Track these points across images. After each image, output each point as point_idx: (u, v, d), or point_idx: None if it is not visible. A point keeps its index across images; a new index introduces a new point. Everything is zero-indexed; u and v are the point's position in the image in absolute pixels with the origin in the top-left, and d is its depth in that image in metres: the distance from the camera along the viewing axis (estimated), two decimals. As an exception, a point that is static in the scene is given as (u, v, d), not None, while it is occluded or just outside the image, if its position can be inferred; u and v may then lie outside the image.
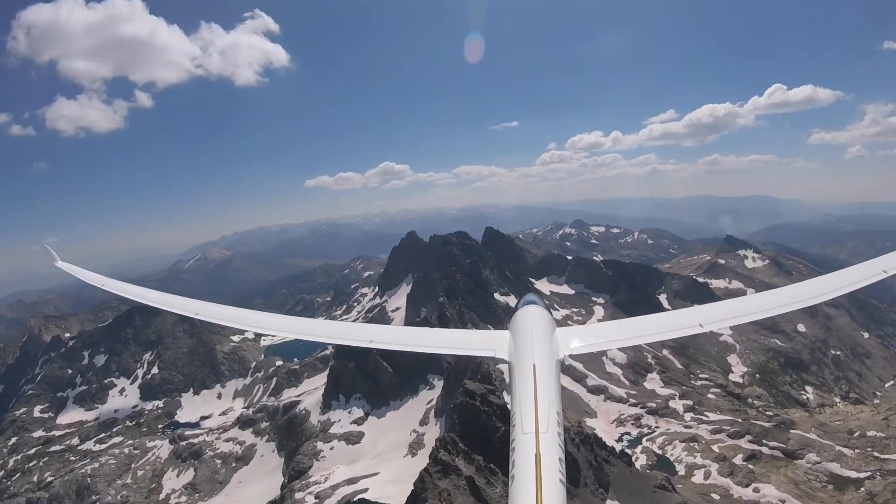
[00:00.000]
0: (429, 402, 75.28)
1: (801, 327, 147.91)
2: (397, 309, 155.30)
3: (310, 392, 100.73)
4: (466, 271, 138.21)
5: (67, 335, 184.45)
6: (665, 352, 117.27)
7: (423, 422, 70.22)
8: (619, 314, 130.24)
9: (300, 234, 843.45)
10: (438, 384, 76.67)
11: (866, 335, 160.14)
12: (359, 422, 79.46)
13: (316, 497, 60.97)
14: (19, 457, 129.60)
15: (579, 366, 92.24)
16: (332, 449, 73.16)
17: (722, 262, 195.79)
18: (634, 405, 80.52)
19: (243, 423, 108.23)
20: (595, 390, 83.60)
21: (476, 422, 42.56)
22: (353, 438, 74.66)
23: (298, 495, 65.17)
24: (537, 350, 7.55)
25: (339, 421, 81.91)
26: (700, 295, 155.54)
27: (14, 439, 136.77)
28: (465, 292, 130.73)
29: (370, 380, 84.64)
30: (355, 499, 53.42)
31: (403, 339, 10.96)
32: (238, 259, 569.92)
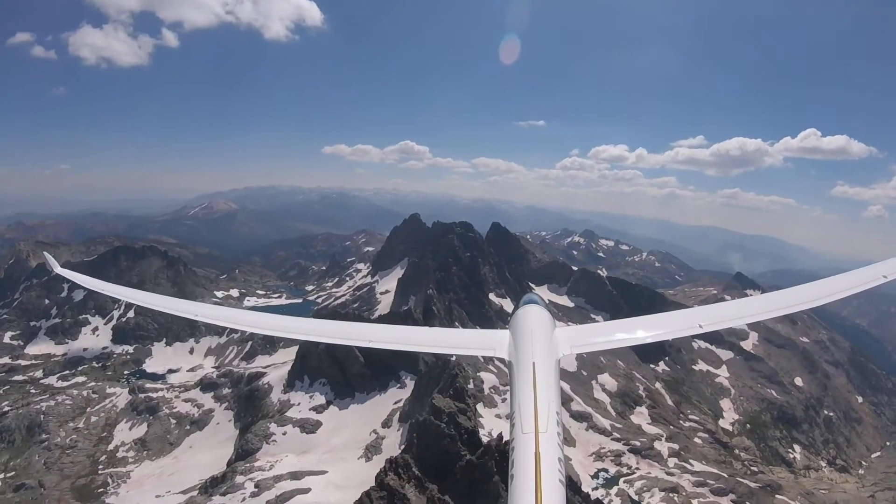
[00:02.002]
0: (396, 402, 69.42)
1: (798, 381, 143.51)
2: (386, 292, 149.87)
3: (278, 365, 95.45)
4: (464, 265, 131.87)
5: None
6: (658, 385, 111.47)
7: (386, 424, 64.47)
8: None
9: (310, 198, 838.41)
10: (411, 384, 70.90)
11: (860, 399, 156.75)
12: (318, 409, 73.87)
13: (256, 486, 55.76)
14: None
15: (567, 387, 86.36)
16: (284, 434, 67.70)
17: (728, 298, 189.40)
18: (617, 440, 74.81)
19: (205, 385, 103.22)
20: (579, 416, 77.80)
21: (437, 445, 36.78)
22: (308, 427, 69.17)
23: (239, 479, 60.06)
24: (537, 349, 7.44)
25: (299, 404, 76.45)
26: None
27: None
28: (459, 287, 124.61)
29: (337, 366, 78.90)
30: (294, 499, 48.31)
31: (403, 339, 10.78)
32: (243, 213, 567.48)
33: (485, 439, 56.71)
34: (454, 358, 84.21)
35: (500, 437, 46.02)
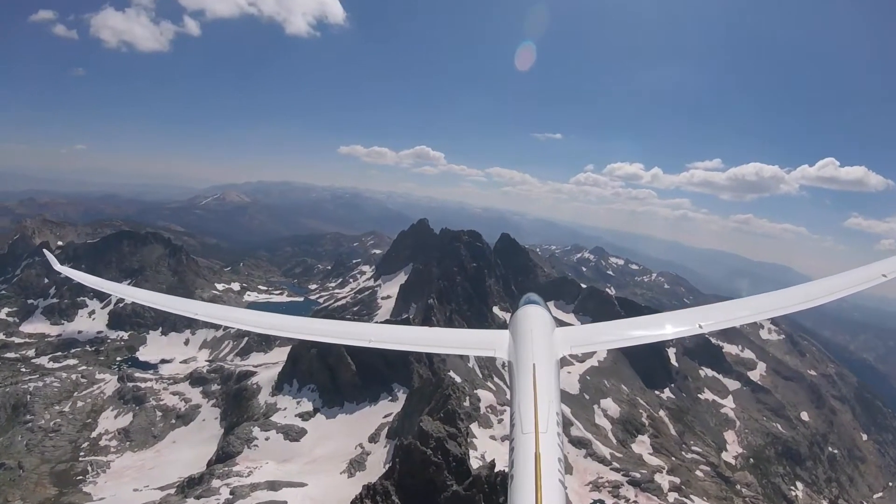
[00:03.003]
0: (386, 416, 65.86)
1: (804, 415, 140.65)
2: (388, 297, 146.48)
3: (269, 365, 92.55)
4: (469, 275, 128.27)
5: (60, 243, 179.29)
6: (662, 413, 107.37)
7: (373, 439, 61.07)
8: (622, 360, 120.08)
9: (322, 197, 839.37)
10: (403, 397, 67.22)
11: (865, 437, 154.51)
12: (304, 417, 70.55)
13: (231, 492, 52.73)
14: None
15: (567, 410, 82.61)
16: (267, 439, 64.54)
17: (737, 325, 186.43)
18: (617, 470, 71.00)
19: (195, 379, 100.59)
20: (577, 442, 74.04)
21: (422, 473, 33.54)
22: (293, 434, 65.97)
23: (215, 483, 57.07)
24: (537, 349, 7.43)
25: (285, 409, 73.25)
26: (711, 358, 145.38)
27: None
28: (462, 298, 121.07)
29: (328, 372, 75.57)
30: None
31: (402, 338, 10.39)
32: (255, 207, 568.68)
33: (476, 462, 53.39)
34: (450, 372, 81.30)
35: (491, 464, 42.70)
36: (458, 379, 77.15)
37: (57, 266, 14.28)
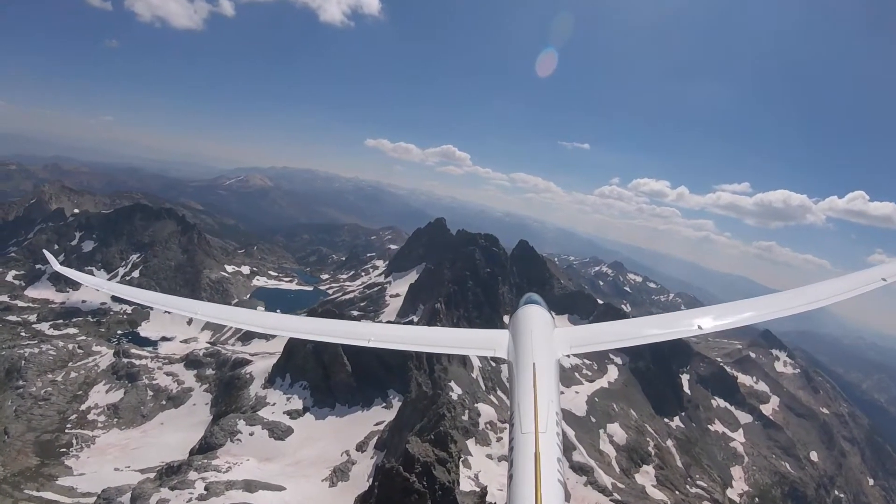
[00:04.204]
0: (377, 424, 61.74)
1: (814, 455, 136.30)
2: (397, 295, 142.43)
3: (267, 356, 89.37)
4: (482, 281, 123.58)
5: (76, 211, 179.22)
6: (669, 442, 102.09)
7: (361, 447, 57.14)
8: (633, 383, 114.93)
9: (345, 187, 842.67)
10: (397, 405, 63.26)
11: (871, 482, 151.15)
12: (293, 415, 66.85)
13: (206, 488, 49.53)
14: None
15: (570, 432, 77.97)
16: (251, 435, 61.17)
17: (753, 355, 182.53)
18: (617, 502, 66.47)
19: (190, 362, 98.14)
20: (579, 469, 69.40)
21: (402, 501, 29.75)
22: (278, 432, 62.49)
23: (192, 475, 53.93)
24: (537, 349, 7.38)
25: (274, 404, 69.69)
26: (725, 389, 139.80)
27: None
28: (472, 304, 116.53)
29: (322, 370, 71.62)
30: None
31: (402, 338, 10.56)
32: (277, 192, 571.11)
33: (468, 484, 49.44)
34: (451, 382, 77.06)
35: (483, 492, 38.73)
36: (459, 391, 73.09)
37: (56, 266, 14.21)
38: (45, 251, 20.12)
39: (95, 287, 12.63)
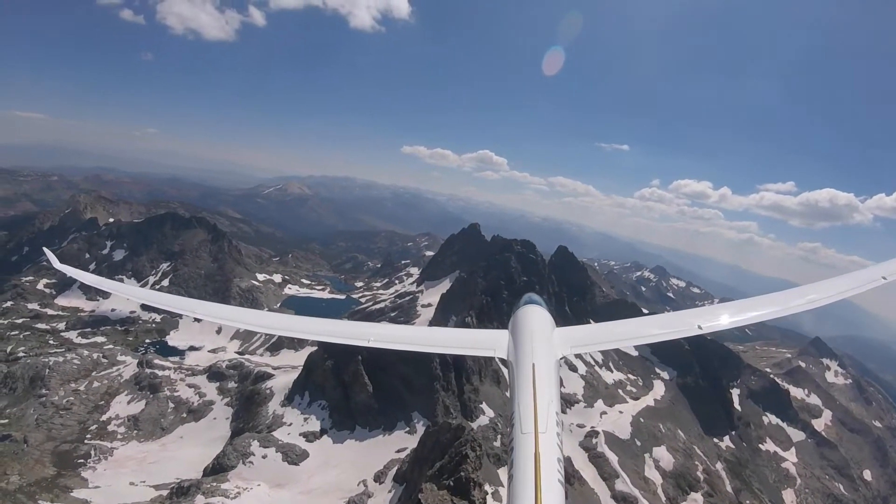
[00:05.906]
0: (399, 451, 56.10)
1: (867, 474, 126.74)
2: (429, 305, 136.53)
3: (290, 370, 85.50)
4: (517, 290, 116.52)
5: (110, 220, 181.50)
6: (719, 465, 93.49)
7: (379, 478, 51.76)
8: (681, 399, 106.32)
9: (382, 195, 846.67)
10: (421, 430, 57.21)
11: None
12: (309, 437, 62.06)
13: (211, 513, 45.82)
14: (5, 322, 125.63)
15: (613, 458, 70.71)
16: (264, 457, 56.86)
17: (803, 365, 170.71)
18: (665, 536, 59.64)
19: (213, 374, 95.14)
20: (622, 498, 62.38)
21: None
22: (293, 456, 57.95)
23: (199, 498, 50.29)
24: (537, 350, 7.38)
25: (291, 424, 65.12)
26: (777, 404, 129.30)
27: (9, 303, 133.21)
28: (506, 317, 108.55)
29: (342, 389, 66.68)
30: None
31: (401, 338, 10.35)
32: (315, 200, 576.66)
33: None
34: (482, 403, 70.47)
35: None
36: (491, 413, 66.81)
37: (56, 265, 14.25)
38: (45, 248, 18.94)
39: (95, 285, 12.67)
